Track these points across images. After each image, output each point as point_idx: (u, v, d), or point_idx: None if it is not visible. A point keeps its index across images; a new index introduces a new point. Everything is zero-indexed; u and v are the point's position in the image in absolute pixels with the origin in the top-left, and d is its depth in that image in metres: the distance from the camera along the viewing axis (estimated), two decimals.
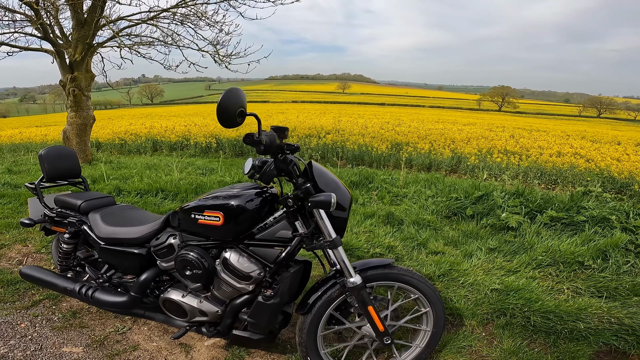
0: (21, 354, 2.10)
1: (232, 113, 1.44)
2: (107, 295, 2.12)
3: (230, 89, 1.45)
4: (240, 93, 1.47)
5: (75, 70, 7.36)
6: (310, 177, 1.69)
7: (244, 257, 1.76)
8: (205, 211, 1.73)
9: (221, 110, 1.43)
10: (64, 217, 2.34)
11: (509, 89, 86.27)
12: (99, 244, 2.13)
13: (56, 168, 2.41)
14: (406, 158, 9.45)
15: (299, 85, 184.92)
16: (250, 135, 1.56)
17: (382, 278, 1.77)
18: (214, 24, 7.90)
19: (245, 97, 1.50)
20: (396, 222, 3.69)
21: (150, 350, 2.14)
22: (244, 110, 1.49)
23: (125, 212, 2.28)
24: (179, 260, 1.82)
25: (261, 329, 1.79)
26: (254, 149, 1.60)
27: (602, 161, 9.08)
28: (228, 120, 1.45)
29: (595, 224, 3.14)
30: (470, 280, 2.55)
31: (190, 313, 1.92)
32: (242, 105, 1.48)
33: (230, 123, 1.46)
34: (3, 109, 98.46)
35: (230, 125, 1.46)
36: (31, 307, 2.55)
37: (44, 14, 6.73)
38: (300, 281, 1.93)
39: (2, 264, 3.17)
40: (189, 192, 4.69)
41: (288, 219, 1.72)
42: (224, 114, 1.43)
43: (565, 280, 2.54)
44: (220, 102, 1.42)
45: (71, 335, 2.27)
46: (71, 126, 7.72)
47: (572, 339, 2.04)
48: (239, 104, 1.46)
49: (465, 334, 2.14)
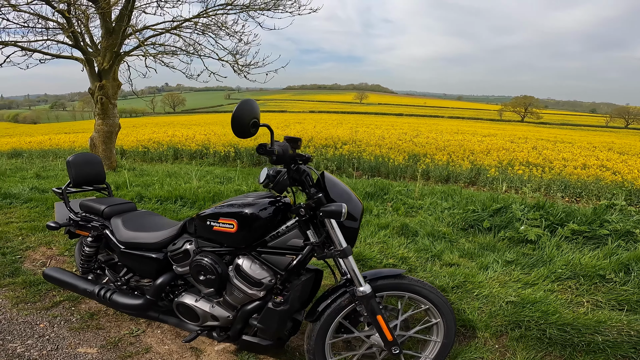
0: (37, 353, 2.16)
1: (245, 124, 1.49)
2: (124, 297, 2.19)
3: (243, 100, 1.50)
4: (253, 104, 1.52)
5: (103, 78, 7.68)
6: (323, 187, 1.73)
7: (256, 264, 1.80)
8: (220, 218, 1.78)
9: (235, 121, 1.48)
10: (87, 221, 2.44)
11: (532, 99, 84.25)
12: (119, 248, 2.21)
13: (82, 174, 2.51)
14: (423, 170, 9.38)
15: (317, 95, 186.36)
16: (263, 145, 1.59)
17: (392, 288, 1.78)
18: (233, 34, 8.13)
19: (258, 109, 1.55)
20: (410, 233, 3.66)
21: (162, 353, 2.19)
22: (257, 121, 1.54)
23: (145, 218, 2.36)
24: (194, 265, 1.88)
25: (270, 335, 1.81)
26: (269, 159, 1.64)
27: (629, 174, 8.78)
28: (242, 131, 1.50)
29: (618, 237, 3.04)
30: (485, 292, 2.50)
31: (203, 317, 1.96)
32: (256, 116, 1.52)
33: (244, 134, 1.50)
34: (34, 116, 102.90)
35: (244, 136, 1.50)
36: (51, 307, 2.63)
37: (75, 22, 7.07)
38: (311, 289, 1.95)
39: (27, 266, 3.30)
40: (206, 200, 4.79)
41: (300, 227, 1.75)
42: (238, 124, 1.48)
43: (586, 294, 2.46)
44: (234, 114, 1.47)
45: (87, 336, 2.33)
46: (98, 133, 8.02)
47: (589, 351, 1.99)
48: (252, 115, 1.50)
49: (477, 345, 2.10)
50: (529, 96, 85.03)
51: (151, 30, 7.86)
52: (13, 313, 2.55)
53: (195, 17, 7.77)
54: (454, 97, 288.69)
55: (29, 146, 17.07)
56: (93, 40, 7.68)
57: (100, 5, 6.76)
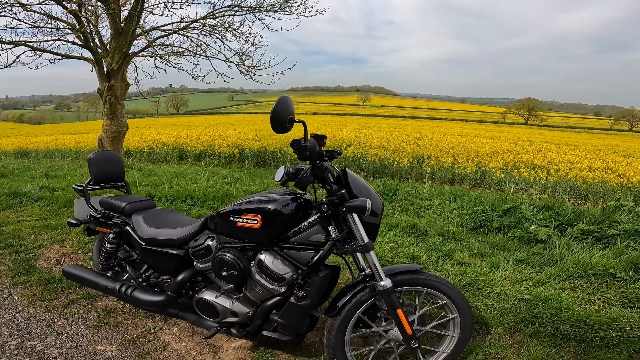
0: (57, 351, 2.17)
1: (283, 120, 1.55)
2: (145, 294, 2.22)
3: (281, 97, 1.56)
4: (290, 102, 1.58)
5: (112, 78, 7.73)
6: (345, 183, 1.77)
7: (278, 260, 1.83)
8: (244, 214, 1.82)
9: (274, 117, 1.54)
10: (109, 218, 2.47)
11: (536, 102, 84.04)
12: (140, 245, 2.25)
13: (103, 171, 2.55)
14: (428, 171, 9.40)
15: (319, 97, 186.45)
16: (298, 140, 1.66)
17: (410, 283, 1.81)
18: (240, 35, 8.18)
19: (294, 106, 1.61)
20: (420, 233, 3.69)
21: (180, 350, 2.20)
22: (293, 117, 1.60)
23: (165, 215, 2.40)
24: (217, 261, 1.91)
25: (290, 330, 1.85)
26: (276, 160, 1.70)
27: (634, 176, 8.78)
28: (280, 127, 1.56)
29: (627, 237, 3.07)
30: (497, 290, 2.53)
31: (222, 313, 1.99)
32: (292, 112, 1.59)
33: (281, 129, 1.56)
34: (39, 116, 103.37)
35: (281, 131, 1.56)
36: (68, 305, 2.64)
37: (85, 22, 7.13)
38: (328, 286, 1.98)
39: (41, 263, 3.33)
40: (216, 200, 4.84)
41: (322, 223, 1.78)
42: (277, 121, 1.54)
43: (597, 292, 2.50)
44: (273, 110, 1.53)
45: (105, 333, 2.34)
46: (106, 134, 8.07)
47: (602, 347, 2.02)
48: (289, 112, 1.57)
49: (491, 341, 2.13)
50: (533, 99, 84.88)
51: (159, 31, 7.93)
52: (30, 311, 2.56)
53: (202, 18, 7.85)
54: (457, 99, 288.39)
55: (35, 146, 17.20)
56: (102, 40, 7.75)
57: (110, 6, 6.83)
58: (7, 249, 3.58)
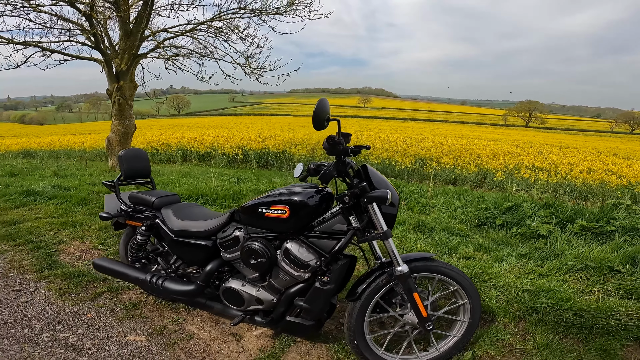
0: (90, 342, 2.26)
1: (322, 119, 1.77)
2: (175, 284, 2.34)
3: (321, 99, 1.78)
4: (327, 104, 1.79)
5: (121, 79, 7.88)
6: (364, 177, 1.93)
7: (304, 247, 1.99)
8: (272, 205, 1.98)
9: (315, 117, 1.76)
10: (139, 212, 2.60)
11: (537, 104, 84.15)
12: (170, 237, 2.38)
13: (132, 168, 2.68)
14: (432, 172, 9.55)
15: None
16: (333, 137, 1.86)
17: (424, 270, 1.95)
18: (245, 37, 8.32)
19: (329, 107, 1.82)
20: (426, 229, 3.84)
21: (205, 339, 2.31)
22: (329, 116, 1.81)
23: (191, 209, 2.54)
24: (246, 249, 2.06)
25: (314, 314, 2.00)
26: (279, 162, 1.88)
27: (633, 177, 8.92)
28: (319, 124, 1.78)
29: (624, 233, 3.22)
30: (502, 282, 2.67)
31: (248, 301, 2.13)
32: (329, 112, 1.81)
33: (320, 126, 1.79)
34: (41, 117, 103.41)
35: (320, 128, 1.78)
36: (94, 298, 2.74)
37: (96, 23, 7.26)
38: (346, 274, 2.12)
39: (63, 259, 3.44)
40: (227, 198, 4.98)
41: (343, 214, 1.95)
42: (318, 119, 1.77)
43: (596, 284, 2.63)
44: (315, 110, 1.75)
45: (133, 325, 2.44)
46: (114, 134, 8.22)
47: (603, 333, 2.15)
48: (326, 112, 1.78)
49: (498, 328, 2.26)
50: (534, 101, 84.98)
51: (168, 33, 8.08)
52: (59, 304, 2.66)
53: (209, 20, 7.99)
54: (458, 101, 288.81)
55: (39, 146, 17.32)
56: (111, 42, 7.89)
57: (119, 7, 6.98)
58: (28, 245, 3.70)
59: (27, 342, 2.23)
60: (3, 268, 3.22)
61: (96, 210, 4.76)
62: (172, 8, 7.77)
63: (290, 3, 7.93)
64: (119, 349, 2.21)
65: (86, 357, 2.13)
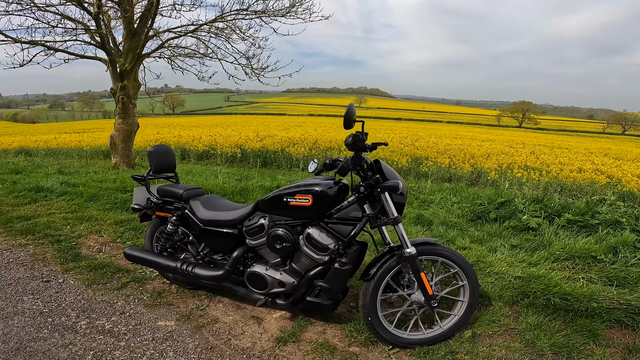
0: (125, 328, 2.40)
1: (351, 120, 2.03)
2: (205, 270, 2.55)
3: (350, 104, 2.05)
4: (354, 107, 2.05)
5: (125, 79, 8.03)
6: (377, 169, 2.19)
7: (324, 233, 2.23)
8: (297, 195, 2.23)
9: (346, 118, 2.02)
10: (169, 203, 2.80)
11: (530, 105, 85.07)
12: (199, 226, 2.59)
13: (161, 162, 2.89)
14: (426, 172, 9.82)
15: (316, 98, 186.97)
16: (359, 134, 2.12)
17: (429, 253, 2.20)
18: (246, 38, 8.49)
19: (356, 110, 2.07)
20: (426, 222, 4.09)
21: (228, 323, 2.51)
22: (356, 117, 2.06)
23: (216, 200, 2.76)
24: (272, 235, 2.30)
25: (333, 293, 2.24)
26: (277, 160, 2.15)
27: (622, 177, 9.26)
28: (349, 124, 2.04)
29: (607, 226, 3.49)
30: (496, 270, 2.92)
31: (271, 284, 2.36)
32: (355, 114, 2.06)
33: (350, 126, 2.04)
34: (33, 115, 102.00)
35: (349, 128, 2.04)
36: (121, 288, 2.90)
37: (102, 24, 7.40)
38: (358, 258, 2.37)
39: (84, 251, 3.61)
40: (234, 194, 5.20)
41: (358, 202, 2.20)
42: (348, 119, 2.02)
43: (581, 272, 2.89)
44: (347, 112, 2.01)
45: (162, 311, 2.61)
46: (118, 132, 8.36)
47: (587, 315, 2.41)
48: (354, 114, 2.03)
49: (494, 311, 2.52)
50: (527, 102, 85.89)
51: (172, 33, 8.22)
52: (89, 293, 2.81)
53: (212, 21, 8.17)
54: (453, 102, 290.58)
55: (35, 145, 17.30)
56: (115, 41, 8.02)
57: (124, 7, 7.13)
58: (48, 239, 3.87)
59: (67, 330, 2.38)
60: (27, 260, 3.39)
61: (108, 206, 4.93)
62: (173, 8, 7.96)
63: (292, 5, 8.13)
64: (153, 333, 2.37)
65: (124, 342, 2.28)
